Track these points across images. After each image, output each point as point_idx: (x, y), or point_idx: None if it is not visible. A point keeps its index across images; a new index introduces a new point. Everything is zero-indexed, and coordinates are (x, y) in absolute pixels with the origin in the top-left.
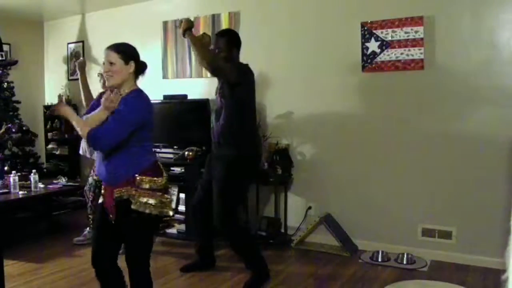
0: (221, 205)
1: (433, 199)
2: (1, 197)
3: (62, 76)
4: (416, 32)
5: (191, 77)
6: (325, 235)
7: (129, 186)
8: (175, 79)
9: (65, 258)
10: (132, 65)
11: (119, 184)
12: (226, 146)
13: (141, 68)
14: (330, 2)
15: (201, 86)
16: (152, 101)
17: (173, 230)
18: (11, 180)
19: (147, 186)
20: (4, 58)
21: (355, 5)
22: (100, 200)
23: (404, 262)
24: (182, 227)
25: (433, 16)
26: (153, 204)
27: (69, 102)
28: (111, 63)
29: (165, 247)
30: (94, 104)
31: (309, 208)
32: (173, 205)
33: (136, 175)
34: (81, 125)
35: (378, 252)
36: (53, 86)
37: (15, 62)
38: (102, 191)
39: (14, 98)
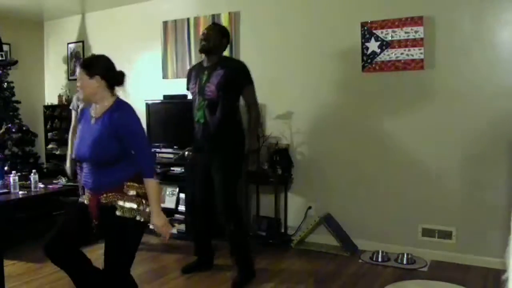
0: (230, 195)
1: (433, 199)
2: (1, 197)
3: (62, 76)
4: (416, 32)
5: None
6: (325, 235)
7: (115, 193)
8: (175, 79)
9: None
10: (97, 79)
11: (107, 191)
12: (227, 138)
13: (113, 80)
14: (330, 2)
15: None
16: (152, 101)
17: (173, 230)
18: (11, 180)
19: (133, 192)
20: (4, 58)
21: (355, 5)
22: (83, 200)
23: (404, 262)
24: (182, 227)
25: (433, 16)
26: (139, 210)
27: (69, 103)
28: (80, 78)
29: (165, 247)
30: (79, 119)
31: (309, 208)
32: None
33: (125, 182)
34: (158, 205)
35: (378, 252)
36: (53, 86)
37: (15, 62)
38: (87, 195)
39: (14, 98)
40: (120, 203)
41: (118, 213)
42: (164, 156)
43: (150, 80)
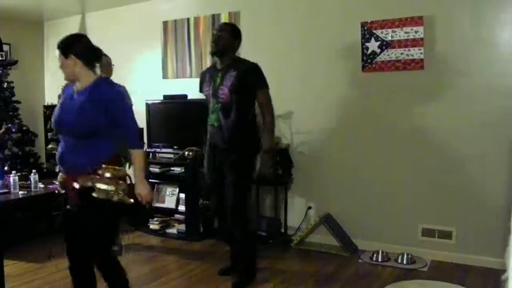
0: (242, 199)
1: (433, 199)
2: (1, 197)
3: (62, 76)
4: (416, 32)
5: (191, 77)
6: (325, 235)
7: (92, 175)
8: (175, 79)
9: (65, 258)
10: (73, 59)
11: (84, 172)
12: (241, 141)
13: (89, 58)
14: (330, 2)
15: None
16: (152, 101)
17: (173, 230)
18: (11, 180)
19: (110, 175)
20: (4, 58)
21: (355, 5)
22: (60, 180)
23: (404, 262)
24: (182, 227)
25: (433, 16)
26: (116, 191)
27: None
28: (58, 59)
29: (165, 247)
30: (65, 92)
31: (309, 208)
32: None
33: (102, 165)
34: (143, 174)
35: (378, 252)
36: (53, 86)
37: (15, 62)
38: (61, 179)
39: (14, 98)
40: (97, 185)
41: (94, 194)
42: (164, 156)
43: (150, 80)
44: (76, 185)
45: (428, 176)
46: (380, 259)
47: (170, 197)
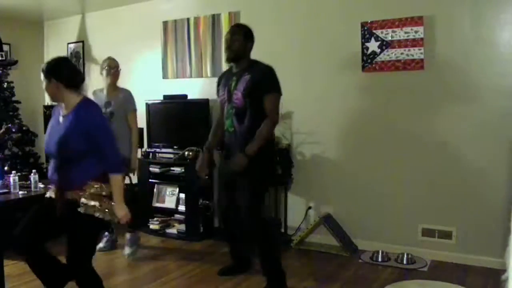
0: (257, 205)
1: (433, 199)
2: (1, 197)
3: None
4: (416, 32)
5: (191, 77)
6: (325, 235)
7: (79, 191)
8: (175, 79)
9: (65, 258)
10: (53, 82)
11: (72, 188)
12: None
13: (71, 81)
14: (330, 2)
15: (201, 86)
16: (152, 101)
17: (173, 230)
18: (11, 180)
19: (96, 191)
20: (4, 58)
21: (355, 5)
22: (49, 195)
23: (404, 262)
24: (182, 227)
25: (433, 16)
26: (99, 208)
27: None
28: (42, 81)
29: (165, 247)
30: (54, 114)
31: (309, 208)
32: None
33: (88, 181)
34: (121, 197)
35: (378, 252)
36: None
37: (15, 62)
38: (54, 190)
39: (14, 98)
40: (83, 200)
41: (80, 209)
42: (164, 156)
43: (150, 80)
44: (64, 199)
45: (428, 176)
46: (380, 259)
47: (170, 197)
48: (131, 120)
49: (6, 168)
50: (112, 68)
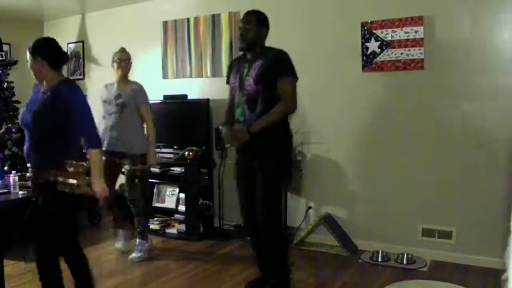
0: (275, 202)
1: (433, 199)
2: (1, 197)
3: None
4: (416, 32)
5: (191, 77)
6: (325, 235)
7: (56, 170)
8: (175, 79)
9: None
10: (39, 60)
11: (49, 167)
12: (270, 138)
13: (55, 60)
14: (330, 2)
15: (201, 86)
16: (152, 101)
17: (173, 230)
18: (11, 180)
19: (73, 169)
20: (4, 58)
21: (355, 5)
22: (29, 175)
23: (404, 262)
24: (182, 227)
25: (433, 16)
26: (76, 184)
27: None
28: (27, 60)
29: (165, 247)
30: (33, 92)
31: (309, 208)
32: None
33: (65, 160)
34: (99, 172)
35: (378, 252)
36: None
37: (15, 62)
38: (31, 174)
39: (14, 98)
40: (60, 179)
41: (59, 188)
42: (164, 156)
43: (150, 80)
44: (41, 179)
45: (428, 176)
46: (380, 259)
47: (170, 197)
48: (145, 115)
49: (6, 168)
50: (123, 61)
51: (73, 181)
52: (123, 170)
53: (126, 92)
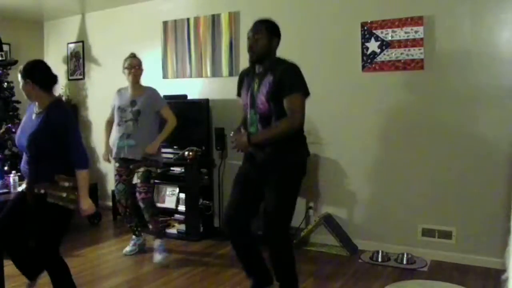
0: (284, 215)
1: (433, 199)
2: (1, 197)
3: (62, 76)
4: (416, 32)
5: (191, 77)
6: (325, 235)
7: (48, 183)
8: (175, 79)
9: (64, 259)
10: (29, 83)
11: (41, 181)
12: (287, 157)
13: (45, 83)
14: (330, 2)
15: (201, 86)
16: None
17: (173, 230)
18: (11, 180)
19: (63, 184)
20: (4, 58)
21: (355, 5)
22: (21, 189)
23: (404, 262)
24: (182, 227)
25: (433, 16)
26: (66, 197)
27: (68, 102)
28: (19, 82)
29: (165, 247)
30: (28, 111)
31: (309, 208)
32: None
33: (56, 175)
34: (86, 191)
35: (378, 252)
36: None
37: (15, 62)
38: (25, 185)
39: (14, 98)
40: (51, 191)
41: (49, 200)
42: (164, 156)
43: (150, 80)
44: (34, 191)
45: (428, 176)
46: (380, 259)
47: (170, 197)
48: (168, 116)
49: (6, 168)
50: (133, 67)
51: (63, 194)
52: (136, 172)
53: (141, 99)
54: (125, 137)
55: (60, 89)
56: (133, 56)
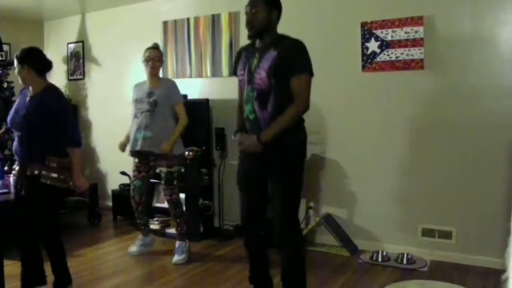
0: (290, 212)
1: (433, 199)
2: (1, 197)
3: (62, 76)
4: (416, 32)
5: (191, 77)
6: (325, 235)
7: (40, 164)
8: (175, 79)
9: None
10: (25, 68)
11: (33, 162)
12: (284, 139)
13: (40, 68)
14: (330, 2)
15: (201, 86)
16: None
17: (173, 230)
18: (11, 180)
19: (55, 164)
20: (4, 58)
21: (355, 5)
22: (16, 168)
23: (404, 262)
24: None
25: (433, 16)
26: (58, 178)
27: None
28: (15, 67)
29: (165, 247)
30: (21, 95)
31: (309, 208)
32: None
33: (48, 156)
34: (79, 168)
35: (378, 252)
36: (53, 71)
37: None
38: (17, 167)
39: (14, 98)
40: (44, 172)
41: (42, 180)
42: None
43: None
44: (27, 173)
45: (428, 176)
46: (380, 259)
47: None
48: (180, 112)
49: (6, 168)
50: (151, 59)
51: (55, 175)
52: (157, 171)
53: (159, 90)
54: (142, 129)
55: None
56: (153, 47)
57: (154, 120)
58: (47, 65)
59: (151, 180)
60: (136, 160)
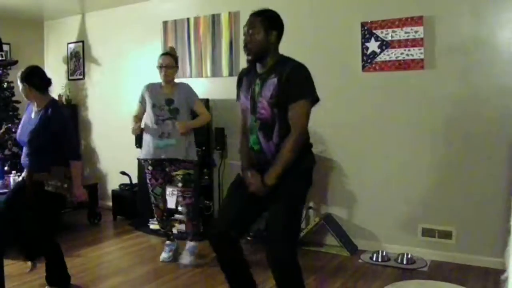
0: (292, 228)
1: (433, 199)
2: (1, 197)
3: (62, 76)
4: (416, 32)
5: (191, 77)
6: (325, 235)
7: (45, 173)
8: (175, 79)
9: (65, 259)
10: (26, 86)
11: (39, 171)
12: (291, 169)
13: (41, 86)
14: (330, 2)
15: (201, 86)
16: None
17: (173, 230)
18: (11, 180)
19: (59, 173)
20: (4, 58)
21: (355, 5)
22: (21, 178)
23: (404, 262)
24: (182, 227)
25: (433, 16)
26: (61, 186)
27: (68, 102)
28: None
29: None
30: (27, 110)
31: (309, 208)
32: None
33: (52, 166)
34: (79, 180)
35: (378, 252)
36: (53, 86)
37: (15, 62)
38: (25, 174)
39: (14, 98)
40: (48, 181)
41: (46, 188)
42: None
43: (150, 80)
44: (33, 180)
45: (428, 176)
46: (380, 259)
47: (171, 197)
48: (201, 110)
49: (6, 168)
50: (164, 67)
51: (59, 183)
52: (173, 174)
53: (177, 97)
54: (165, 137)
55: (60, 89)
56: (165, 53)
57: (176, 127)
58: (46, 83)
59: None
60: (150, 168)
